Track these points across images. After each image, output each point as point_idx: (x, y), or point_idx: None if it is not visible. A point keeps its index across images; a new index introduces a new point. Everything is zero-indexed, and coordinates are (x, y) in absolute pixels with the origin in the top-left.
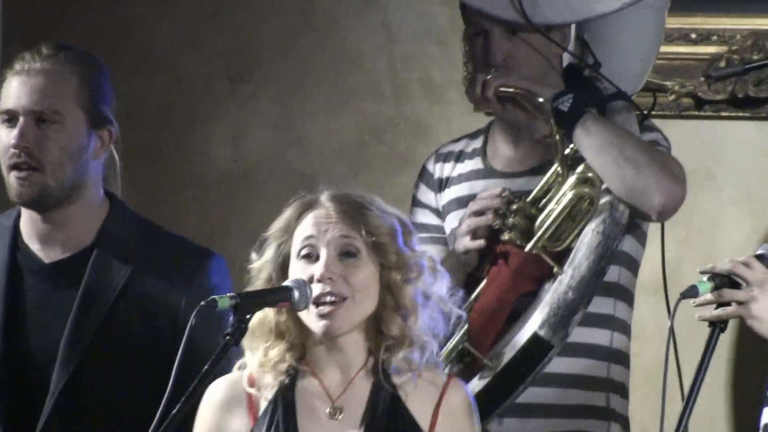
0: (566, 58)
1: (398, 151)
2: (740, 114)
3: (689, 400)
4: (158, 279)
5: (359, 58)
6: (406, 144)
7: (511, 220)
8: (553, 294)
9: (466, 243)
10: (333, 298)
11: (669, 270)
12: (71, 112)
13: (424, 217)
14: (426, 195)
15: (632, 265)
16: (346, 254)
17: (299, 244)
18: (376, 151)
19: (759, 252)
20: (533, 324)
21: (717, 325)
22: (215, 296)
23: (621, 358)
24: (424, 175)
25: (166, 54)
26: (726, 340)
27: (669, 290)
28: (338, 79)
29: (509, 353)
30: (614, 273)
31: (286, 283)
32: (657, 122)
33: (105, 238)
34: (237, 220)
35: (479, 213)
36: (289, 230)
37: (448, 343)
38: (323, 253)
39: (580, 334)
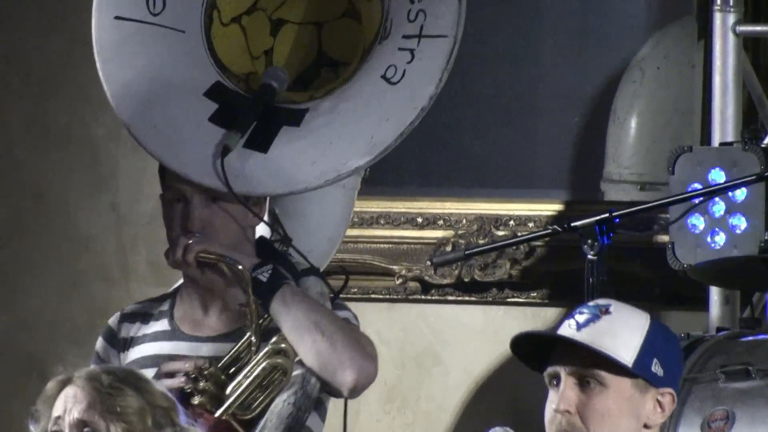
0: (258, 231)
1: None
2: (467, 298)
3: None
4: None
5: (88, 240)
6: None
7: (202, 385)
8: None
9: None
10: None
11: None
12: None
13: None
14: (107, 352)
15: None
16: None
17: (51, 423)
18: None
19: None
20: None
21: None
22: None
23: None
24: (107, 334)
25: None
26: None
27: None
28: (68, 261)
29: None
30: None
31: None
32: (385, 306)
33: None
34: None
35: (170, 375)
36: (47, 406)
37: None
38: None
39: None
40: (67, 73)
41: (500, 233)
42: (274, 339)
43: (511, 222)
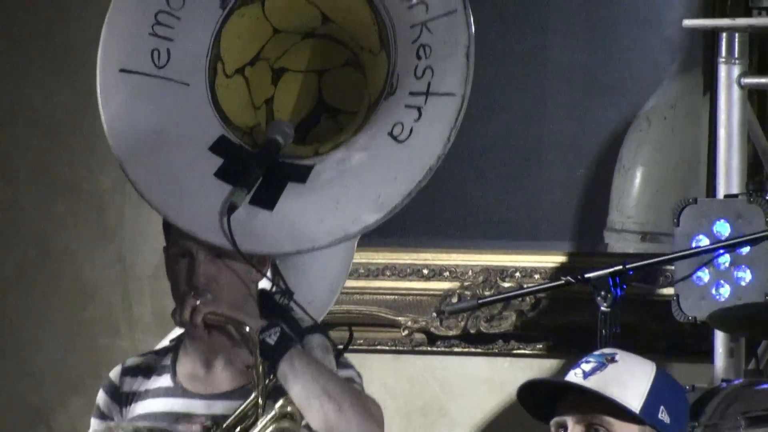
0: (260, 283)
1: None
2: (472, 350)
3: None
4: None
5: (94, 291)
6: None
7: None
8: None
9: None
10: None
11: None
12: None
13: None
14: (109, 407)
15: None
16: None
17: None
18: None
19: None
20: None
21: None
22: None
23: None
24: (109, 388)
25: None
26: None
27: None
28: (73, 311)
29: None
30: None
31: None
32: (390, 357)
33: None
34: None
35: None
36: None
37: None
38: None
39: None
40: (73, 125)
41: (506, 285)
42: (280, 402)
43: (517, 273)
